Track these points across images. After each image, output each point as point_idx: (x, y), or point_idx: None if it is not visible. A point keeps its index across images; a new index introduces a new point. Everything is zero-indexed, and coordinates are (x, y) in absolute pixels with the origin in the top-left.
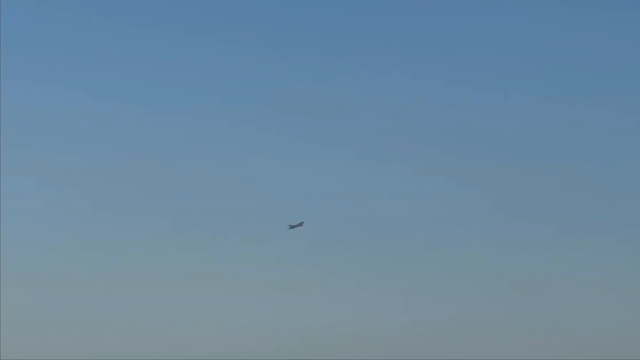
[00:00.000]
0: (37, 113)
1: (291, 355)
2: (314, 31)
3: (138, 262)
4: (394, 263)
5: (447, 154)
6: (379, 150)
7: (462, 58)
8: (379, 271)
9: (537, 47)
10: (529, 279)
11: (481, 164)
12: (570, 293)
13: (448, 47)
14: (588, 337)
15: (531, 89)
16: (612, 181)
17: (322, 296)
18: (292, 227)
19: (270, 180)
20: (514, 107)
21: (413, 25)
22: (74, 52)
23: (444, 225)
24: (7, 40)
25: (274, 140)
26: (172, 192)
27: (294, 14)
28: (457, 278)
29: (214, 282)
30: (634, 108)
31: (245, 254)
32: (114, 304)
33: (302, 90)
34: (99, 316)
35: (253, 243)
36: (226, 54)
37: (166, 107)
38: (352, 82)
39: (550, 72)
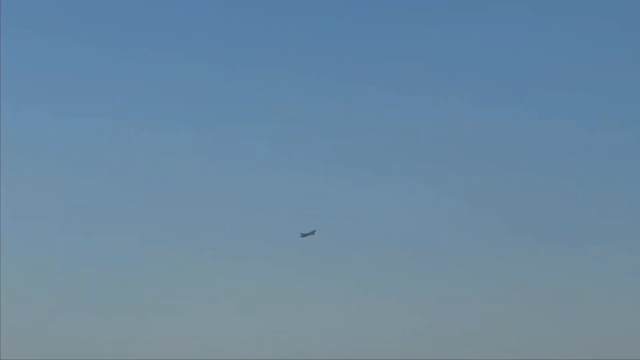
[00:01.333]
0: (34, 133)
1: None
2: (313, 47)
3: (138, 272)
4: (400, 275)
5: (455, 166)
6: (386, 162)
7: (462, 72)
8: (384, 283)
9: (529, 60)
10: (537, 290)
11: (491, 177)
12: (578, 304)
13: (448, 62)
14: (597, 346)
15: (536, 103)
16: (619, 191)
17: (326, 309)
18: (303, 235)
19: (271, 193)
20: (518, 121)
21: (408, 40)
22: (70, 70)
23: (452, 237)
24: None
25: (276, 154)
26: (177, 205)
27: (289, 32)
28: (466, 290)
29: (217, 296)
30: (629, 117)
31: (249, 267)
32: (115, 315)
33: (297, 104)
34: (100, 323)
35: (255, 256)
36: (223, 68)
37: (168, 122)
38: (355, 96)
39: (548, 85)
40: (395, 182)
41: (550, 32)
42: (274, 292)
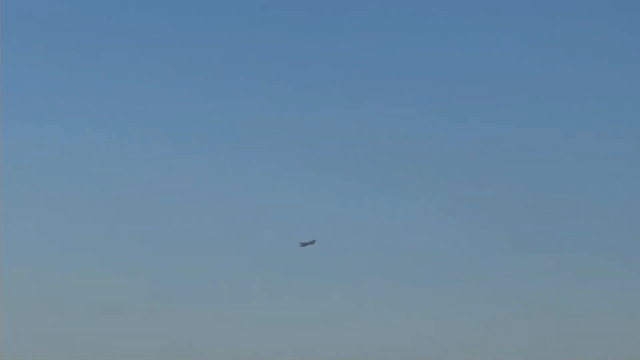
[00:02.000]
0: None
1: None
2: (309, 58)
3: (138, 275)
4: (400, 284)
5: (455, 177)
6: (386, 172)
7: (459, 83)
8: (384, 292)
9: (523, 71)
10: (538, 295)
11: (492, 187)
12: (580, 309)
13: (443, 72)
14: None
15: (533, 112)
16: (618, 198)
17: (325, 318)
18: (303, 244)
19: (269, 203)
20: (518, 130)
21: (395, 53)
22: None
23: (453, 247)
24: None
25: (274, 163)
26: (176, 215)
27: (280, 42)
28: (466, 299)
29: (218, 298)
30: (628, 124)
31: (247, 275)
32: (115, 315)
33: (295, 115)
34: (100, 323)
35: (254, 265)
36: (216, 79)
37: (165, 134)
38: (354, 107)
39: (544, 95)
40: (395, 191)
41: (543, 45)
42: (275, 301)
